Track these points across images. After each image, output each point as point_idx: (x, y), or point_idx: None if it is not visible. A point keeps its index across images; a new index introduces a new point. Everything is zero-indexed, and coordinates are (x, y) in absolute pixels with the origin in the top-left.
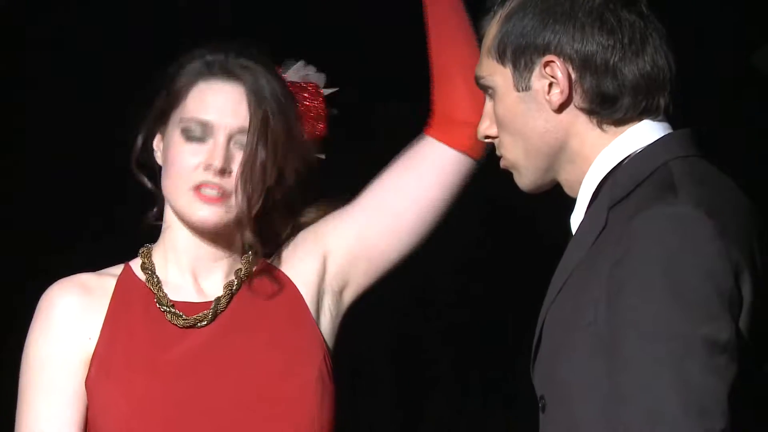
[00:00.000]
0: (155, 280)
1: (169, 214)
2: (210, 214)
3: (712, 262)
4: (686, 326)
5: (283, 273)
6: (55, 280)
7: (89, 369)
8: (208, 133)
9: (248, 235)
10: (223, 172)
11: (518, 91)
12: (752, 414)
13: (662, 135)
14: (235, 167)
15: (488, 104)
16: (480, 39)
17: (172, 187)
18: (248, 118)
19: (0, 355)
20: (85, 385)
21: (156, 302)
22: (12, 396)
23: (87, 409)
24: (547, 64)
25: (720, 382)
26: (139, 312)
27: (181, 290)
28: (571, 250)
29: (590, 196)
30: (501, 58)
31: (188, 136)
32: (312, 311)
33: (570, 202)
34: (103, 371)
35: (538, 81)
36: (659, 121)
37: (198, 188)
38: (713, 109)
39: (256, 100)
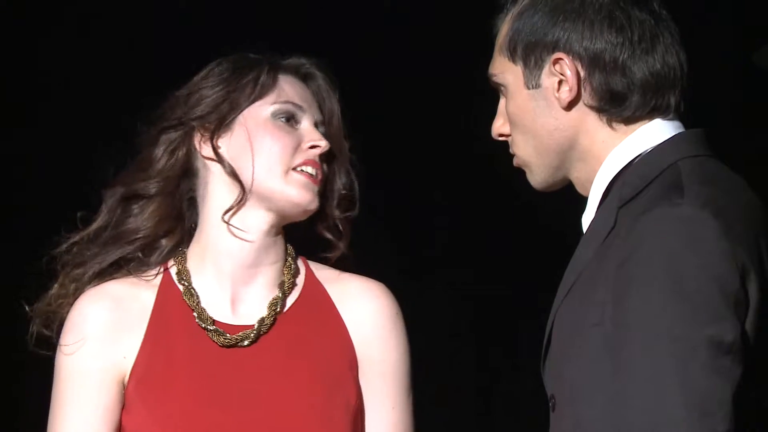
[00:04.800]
0: (194, 294)
1: (213, 215)
2: (309, 192)
3: (717, 263)
4: (690, 327)
5: (331, 300)
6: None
7: (127, 384)
8: (299, 119)
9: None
10: (326, 154)
11: (528, 88)
12: (758, 416)
13: (673, 134)
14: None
15: (501, 102)
16: (493, 37)
17: (266, 168)
18: (322, 115)
19: None
20: (125, 397)
21: (196, 318)
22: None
23: (120, 422)
24: (556, 61)
25: (724, 384)
26: (179, 329)
27: (221, 306)
28: (581, 250)
29: (601, 195)
30: (512, 55)
31: (286, 118)
32: (356, 348)
33: (581, 200)
34: (141, 395)
35: (547, 78)
36: (670, 120)
37: (298, 168)
38: (713, 109)
39: (327, 100)
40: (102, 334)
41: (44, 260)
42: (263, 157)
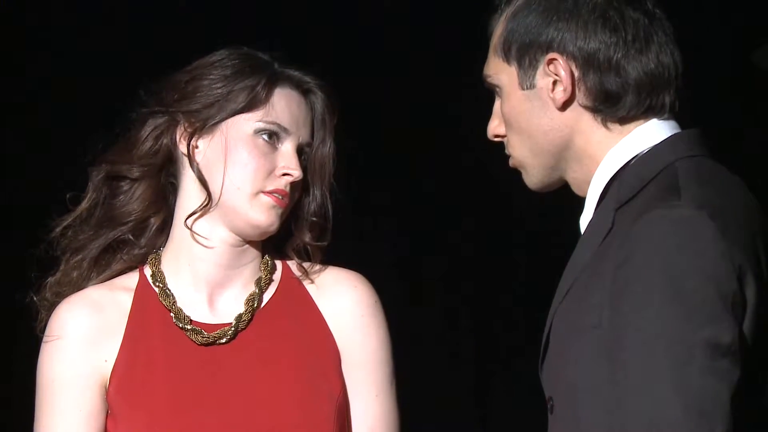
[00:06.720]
0: (169, 294)
1: (180, 214)
2: (273, 215)
3: (714, 265)
4: (687, 329)
5: (308, 293)
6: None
7: (108, 388)
8: (282, 140)
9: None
10: (296, 183)
11: (523, 89)
12: (757, 417)
13: (669, 135)
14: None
15: (497, 103)
16: (488, 37)
17: (236, 186)
18: (311, 135)
19: None
20: (108, 401)
21: (173, 318)
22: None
23: (105, 426)
24: (550, 61)
25: (721, 385)
26: (157, 331)
27: (197, 306)
28: (579, 252)
29: (598, 196)
30: (506, 56)
31: (268, 137)
32: (336, 339)
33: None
34: (123, 398)
35: (542, 79)
36: (666, 120)
37: (269, 192)
38: (713, 109)
39: (322, 121)
40: (82, 339)
41: (42, 247)
42: (235, 172)
